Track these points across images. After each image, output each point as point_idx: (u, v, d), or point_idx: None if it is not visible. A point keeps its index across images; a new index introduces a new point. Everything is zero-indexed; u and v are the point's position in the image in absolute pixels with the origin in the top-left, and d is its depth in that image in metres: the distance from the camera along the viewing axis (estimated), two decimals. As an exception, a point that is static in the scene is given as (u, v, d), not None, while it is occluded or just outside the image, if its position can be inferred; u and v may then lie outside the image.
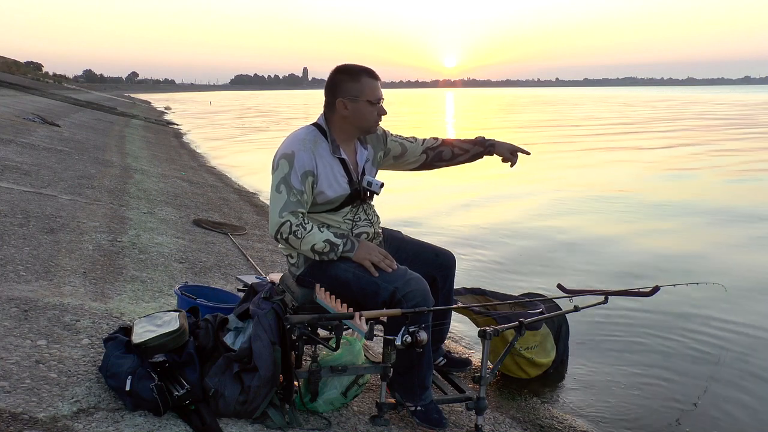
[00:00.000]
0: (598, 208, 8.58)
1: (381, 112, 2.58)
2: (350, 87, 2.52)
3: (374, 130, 2.65)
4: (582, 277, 5.35)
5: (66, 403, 2.15)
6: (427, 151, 2.84)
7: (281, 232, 2.43)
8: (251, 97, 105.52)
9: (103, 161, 9.60)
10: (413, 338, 2.26)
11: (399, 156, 2.81)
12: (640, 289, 3.16)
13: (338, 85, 2.53)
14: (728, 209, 8.34)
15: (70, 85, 68.11)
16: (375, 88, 2.55)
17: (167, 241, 5.03)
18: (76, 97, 34.23)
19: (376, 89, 2.55)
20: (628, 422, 3.10)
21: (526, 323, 2.60)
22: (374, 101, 2.53)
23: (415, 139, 2.86)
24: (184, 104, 61.05)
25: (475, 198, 9.25)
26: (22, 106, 18.67)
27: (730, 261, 5.91)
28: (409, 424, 2.57)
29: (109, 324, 2.92)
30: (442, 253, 2.77)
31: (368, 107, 2.53)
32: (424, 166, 2.89)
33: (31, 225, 4.60)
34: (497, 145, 2.87)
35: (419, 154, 2.83)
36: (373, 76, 2.56)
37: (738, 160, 13.43)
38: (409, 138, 2.86)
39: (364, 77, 2.53)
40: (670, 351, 3.91)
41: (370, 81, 2.54)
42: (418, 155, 2.83)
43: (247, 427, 2.24)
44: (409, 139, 2.85)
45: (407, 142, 2.83)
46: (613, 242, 6.69)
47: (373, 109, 2.54)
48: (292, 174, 2.44)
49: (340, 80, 2.53)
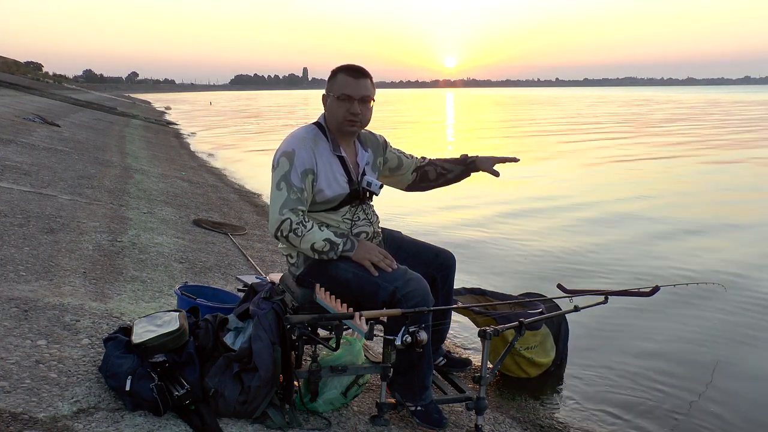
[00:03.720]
0: (598, 207, 8.60)
1: (351, 110, 2.48)
2: (330, 83, 2.55)
3: (346, 129, 2.54)
4: (582, 277, 5.35)
5: (66, 403, 2.15)
6: (417, 170, 2.85)
7: (281, 229, 2.43)
8: (252, 97, 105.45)
9: (103, 161, 9.60)
10: (413, 338, 2.26)
11: (395, 169, 2.81)
12: (640, 289, 3.16)
13: (327, 83, 2.58)
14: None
15: (70, 85, 68.11)
16: (345, 84, 2.49)
17: (167, 241, 5.03)
18: (76, 97, 34.22)
19: (348, 85, 2.49)
20: (628, 422, 3.10)
21: (526, 323, 2.60)
22: (341, 97, 2.48)
23: (411, 156, 2.86)
24: (184, 104, 61.04)
25: (475, 198, 9.24)
26: (22, 106, 18.67)
27: (730, 261, 5.91)
28: (409, 424, 2.57)
29: (109, 324, 2.92)
30: (442, 253, 2.77)
31: (336, 103, 2.50)
32: (413, 186, 2.89)
33: (31, 225, 4.60)
34: (478, 161, 2.85)
35: (411, 173, 2.84)
36: (350, 72, 2.50)
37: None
38: (406, 154, 2.85)
39: (340, 73, 2.52)
40: (670, 351, 3.91)
41: (344, 77, 2.50)
42: (410, 173, 2.84)
43: (247, 427, 2.24)
44: (406, 154, 2.85)
45: (404, 156, 2.83)
46: (613, 242, 6.69)
47: (341, 104, 2.49)
48: (292, 172, 2.44)
49: (329, 78, 2.57)
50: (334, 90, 2.51)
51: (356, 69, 2.53)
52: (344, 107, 2.49)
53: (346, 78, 2.51)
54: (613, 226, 7.46)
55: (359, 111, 2.50)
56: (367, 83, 2.53)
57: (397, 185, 2.90)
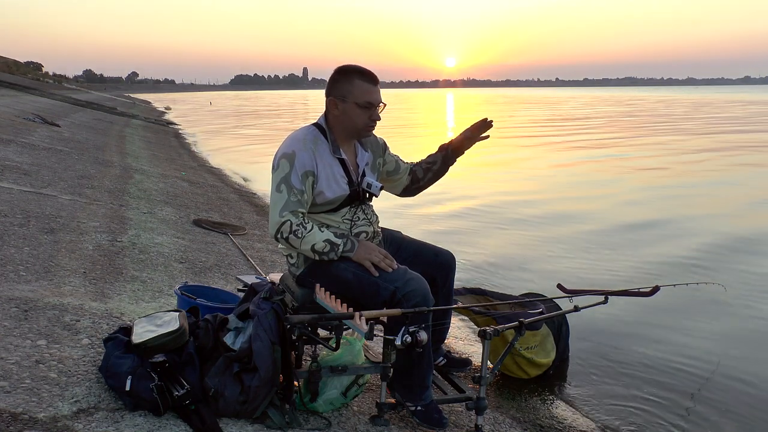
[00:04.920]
0: (597, 207, 8.60)
1: (373, 117, 2.52)
2: (341, 87, 2.51)
3: (365, 134, 2.58)
4: (582, 277, 5.36)
5: (66, 403, 2.15)
6: (410, 173, 2.85)
7: (281, 231, 2.43)
8: (252, 97, 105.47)
9: (103, 161, 9.60)
10: (413, 338, 2.26)
11: (392, 172, 2.81)
12: (640, 289, 3.17)
13: (332, 84, 2.54)
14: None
15: (70, 85, 68.12)
16: (367, 91, 2.49)
17: (167, 241, 5.03)
18: (76, 97, 34.23)
19: (368, 92, 2.49)
20: (628, 422, 3.10)
21: (526, 323, 2.60)
22: (362, 104, 2.49)
23: (406, 162, 2.87)
24: (184, 104, 61.03)
25: (475, 198, 9.24)
26: (22, 106, 18.67)
27: (730, 261, 5.91)
28: (409, 424, 2.57)
29: (109, 324, 2.92)
30: (442, 252, 2.77)
31: (355, 110, 2.49)
32: (406, 190, 2.90)
33: (31, 225, 4.60)
34: (454, 141, 2.82)
35: (405, 177, 2.85)
36: (367, 78, 2.51)
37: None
38: (401, 158, 2.86)
39: (355, 78, 2.49)
40: (670, 351, 3.91)
41: (362, 83, 2.49)
42: (405, 177, 2.84)
43: (247, 427, 2.24)
44: (402, 160, 2.86)
45: (401, 161, 2.84)
46: (613, 242, 6.69)
47: (360, 112, 2.49)
48: (292, 174, 2.44)
49: (334, 80, 2.53)
50: (354, 96, 2.48)
51: (372, 75, 2.53)
52: (367, 114, 2.51)
53: (366, 84, 2.50)
54: (613, 226, 7.46)
55: (379, 117, 2.54)
56: (379, 88, 2.56)
57: (392, 190, 2.89)
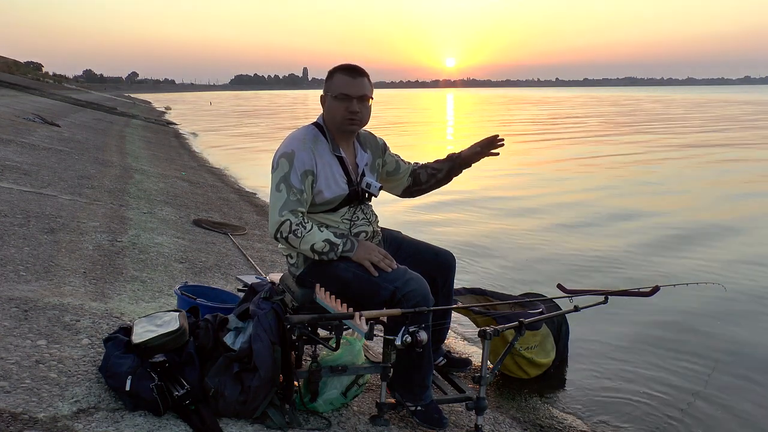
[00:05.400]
0: (596, 207, 8.60)
1: (350, 108, 2.48)
2: (327, 83, 2.56)
3: (346, 128, 2.54)
4: (582, 277, 5.35)
5: (66, 403, 2.15)
6: (412, 174, 2.85)
7: (281, 231, 2.43)
8: (252, 97, 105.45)
9: (103, 161, 9.59)
10: (413, 338, 2.26)
11: (392, 172, 2.81)
12: (640, 289, 3.16)
13: (324, 83, 2.58)
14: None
15: (70, 85, 68.08)
16: (344, 83, 2.49)
17: (167, 241, 5.03)
18: (76, 97, 34.22)
19: (344, 84, 2.49)
20: (628, 422, 3.11)
21: (526, 323, 2.60)
22: (338, 96, 2.49)
23: (407, 162, 2.86)
24: (184, 104, 61.03)
25: (475, 198, 9.24)
26: (22, 106, 18.66)
27: (730, 261, 5.91)
28: (409, 424, 2.57)
29: (109, 324, 2.92)
30: (441, 252, 2.77)
31: (335, 102, 2.51)
32: (407, 191, 2.89)
33: (31, 225, 4.60)
34: (463, 154, 2.82)
35: (407, 177, 2.84)
36: (347, 72, 2.51)
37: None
38: (402, 159, 2.85)
39: (337, 73, 2.52)
40: (670, 351, 3.91)
41: (342, 77, 2.51)
42: (406, 178, 2.84)
43: (247, 427, 2.24)
44: (403, 159, 2.85)
45: (402, 161, 2.83)
46: (613, 242, 6.69)
47: (338, 104, 2.49)
48: (292, 173, 2.44)
49: (326, 78, 2.58)
50: (332, 90, 2.51)
51: (353, 68, 2.53)
52: (343, 106, 2.49)
53: (344, 77, 2.51)
54: (613, 226, 7.47)
55: (358, 110, 2.50)
56: (365, 82, 2.53)
57: (392, 191, 2.89)
